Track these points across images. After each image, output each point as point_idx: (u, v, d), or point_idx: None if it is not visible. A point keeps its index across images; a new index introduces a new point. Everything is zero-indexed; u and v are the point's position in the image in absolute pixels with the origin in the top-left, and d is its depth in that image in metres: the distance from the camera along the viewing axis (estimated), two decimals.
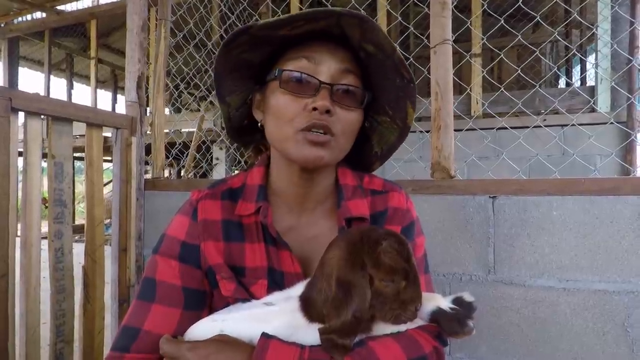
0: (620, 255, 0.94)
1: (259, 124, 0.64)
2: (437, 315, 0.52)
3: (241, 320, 0.52)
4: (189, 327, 0.57)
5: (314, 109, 0.54)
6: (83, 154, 1.34)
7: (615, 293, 0.94)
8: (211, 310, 0.60)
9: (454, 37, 1.13)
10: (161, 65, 1.51)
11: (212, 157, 3.33)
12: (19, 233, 1.04)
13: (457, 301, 0.53)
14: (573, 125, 2.07)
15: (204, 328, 0.54)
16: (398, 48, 0.55)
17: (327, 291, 0.48)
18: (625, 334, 0.93)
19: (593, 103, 2.56)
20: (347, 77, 0.57)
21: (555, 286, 0.98)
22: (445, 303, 0.53)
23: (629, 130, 2.35)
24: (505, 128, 2.00)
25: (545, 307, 0.99)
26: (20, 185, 1.09)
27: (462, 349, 1.06)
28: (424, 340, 0.51)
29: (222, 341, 0.50)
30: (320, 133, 0.55)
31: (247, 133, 0.72)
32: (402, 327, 0.51)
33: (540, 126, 1.79)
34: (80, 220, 6.47)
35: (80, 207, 8.50)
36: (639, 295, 0.92)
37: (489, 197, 1.05)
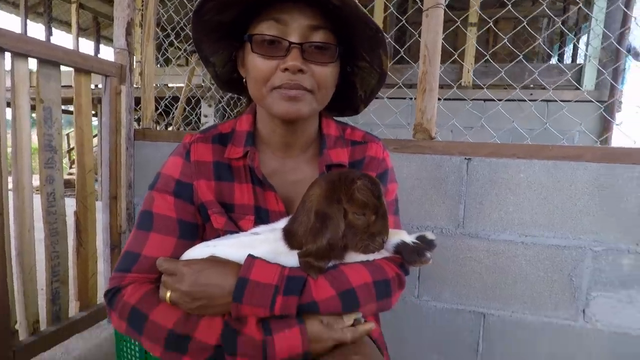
0: (574, 215, 1.04)
1: (244, 80, 0.66)
2: (401, 247, 0.59)
3: (231, 246, 0.59)
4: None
5: (286, 69, 0.56)
6: (69, 106, 1.32)
7: (565, 248, 1.05)
8: (203, 241, 0.66)
9: (446, 2, 1.14)
10: (151, 12, 1.47)
11: (200, 114, 3.29)
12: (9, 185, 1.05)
13: (420, 238, 0.61)
14: (557, 101, 2.14)
15: (198, 251, 0.60)
16: (357, 3, 0.56)
17: (306, 223, 0.55)
18: (570, 282, 1.05)
19: (578, 81, 2.62)
20: (317, 34, 0.58)
21: (515, 240, 1.09)
22: (409, 238, 0.60)
23: (601, 106, 2.43)
24: (493, 100, 2.05)
25: (504, 258, 1.10)
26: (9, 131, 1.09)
27: (428, 292, 1.18)
28: (388, 268, 0.59)
29: (214, 260, 0.57)
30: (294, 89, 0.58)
31: (237, 85, 0.74)
32: (371, 257, 0.59)
33: (526, 100, 1.85)
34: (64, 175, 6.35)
35: (65, 161, 8.34)
36: (585, 250, 1.04)
37: (465, 158, 1.12)
